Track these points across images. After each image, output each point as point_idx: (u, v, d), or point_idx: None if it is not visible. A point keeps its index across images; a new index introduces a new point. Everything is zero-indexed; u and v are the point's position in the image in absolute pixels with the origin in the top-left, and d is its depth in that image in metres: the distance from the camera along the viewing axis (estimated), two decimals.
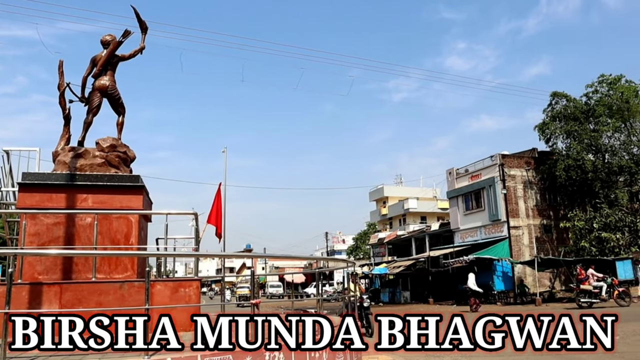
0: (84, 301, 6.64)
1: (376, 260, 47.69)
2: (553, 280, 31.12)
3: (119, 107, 9.08)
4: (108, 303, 6.62)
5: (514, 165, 33.36)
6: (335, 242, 75.41)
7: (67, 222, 7.61)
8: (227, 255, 8.25)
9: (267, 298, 52.76)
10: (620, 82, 32.17)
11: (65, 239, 7.51)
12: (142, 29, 9.15)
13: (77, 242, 7.54)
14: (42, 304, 6.55)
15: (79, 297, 6.67)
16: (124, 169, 8.58)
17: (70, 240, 7.53)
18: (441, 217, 51.56)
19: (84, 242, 7.55)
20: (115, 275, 7.50)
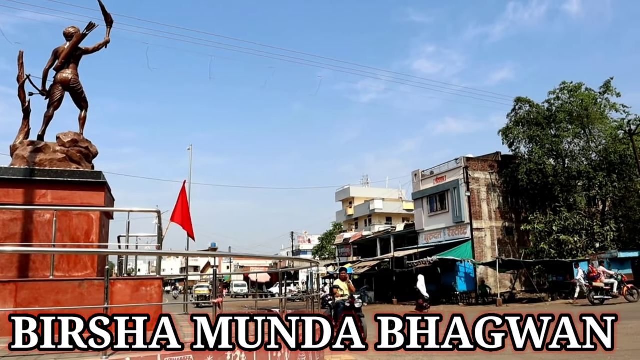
0: (41, 300, 6.44)
1: (341, 260, 47.84)
2: (514, 281, 31.81)
3: (82, 101, 8.87)
4: (66, 302, 6.45)
5: (478, 168, 33.97)
6: (301, 242, 75.42)
7: (25, 219, 7.39)
8: (191, 254, 8.14)
9: (231, 297, 52.41)
10: (580, 90, 33.08)
11: (22, 235, 7.30)
12: (108, 22, 8.98)
13: (35, 239, 7.34)
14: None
15: (36, 295, 6.48)
16: (86, 164, 8.39)
17: (28, 237, 7.32)
18: (406, 218, 52.06)
19: (42, 239, 7.34)
20: (74, 273, 7.32)
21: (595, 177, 31.47)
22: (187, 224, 10.89)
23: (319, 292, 14.62)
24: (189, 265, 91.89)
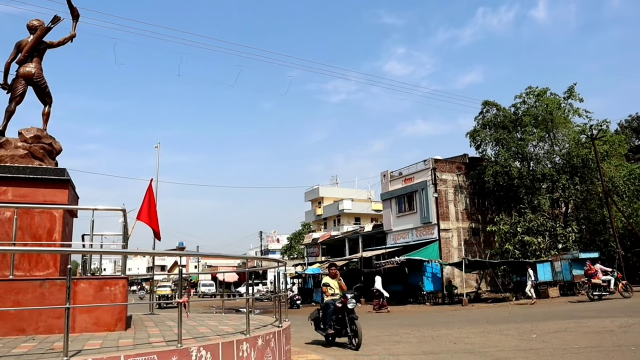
0: (0, 300, 6.27)
1: (310, 260, 47.89)
2: (479, 281, 32.34)
3: (46, 96, 8.67)
4: (27, 302, 6.29)
5: (446, 170, 34.43)
6: (270, 242, 75.20)
7: None
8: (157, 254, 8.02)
9: (199, 297, 51.91)
10: (546, 95, 33.86)
11: None
12: (74, 16, 8.80)
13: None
14: None
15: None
16: (49, 161, 8.19)
17: None
18: (375, 218, 52.42)
19: (2, 237, 7.15)
20: (35, 273, 7.14)
21: (558, 180, 32.27)
22: (154, 223, 10.75)
23: (286, 292, 14.53)
24: (156, 265, 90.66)
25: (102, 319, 6.60)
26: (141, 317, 9.40)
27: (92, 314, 6.55)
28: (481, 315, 19.43)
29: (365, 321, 18.94)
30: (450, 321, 16.84)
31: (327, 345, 11.15)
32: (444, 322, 16.72)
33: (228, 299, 40.14)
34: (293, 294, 33.51)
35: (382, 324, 16.98)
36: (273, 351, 6.32)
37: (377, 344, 11.41)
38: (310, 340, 12.19)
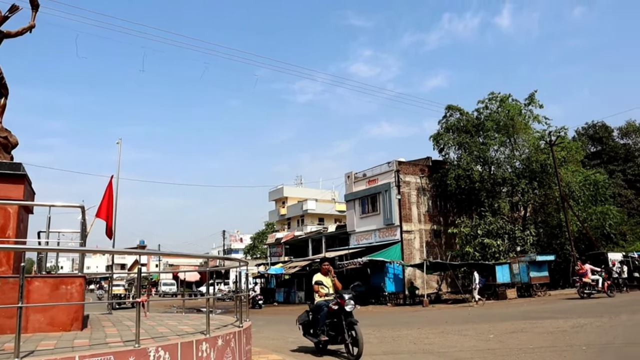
0: None
1: (273, 260, 47.75)
2: (440, 282, 32.83)
3: (2, 87, 8.40)
4: None
5: (409, 172, 34.85)
6: (232, 241, 74.68)
7: None
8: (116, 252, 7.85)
9: (160, 296, 51.04)
10: (507, 101, 34.63)
11: None
12: (33, 6, 8.56)
13: None
14: None
15: None
16: (4, 155, 7.93)
17: None
18: (338, 219, 52.63)
19: None
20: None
21: (518, 184, 33.05)
22: (109, 219, 10.52)
23: (248, 292, 14.41)
24: (115, 263, 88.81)
25: (57, 319, 6.42)
26: (98, 316, 9.20)
27: (47, 313, 6.37)
28: (441, 315, 19.73)
29: None
30: (411, 321, 17.04)
31: (318, 354, 9.59)
32: (404, 322, 16.90)
33: (189, 299, 39.60)
34: (255, 294, 33.34)
35: None
36: (233, 351, 6.27)
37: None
38: (295, 347, 10.99)
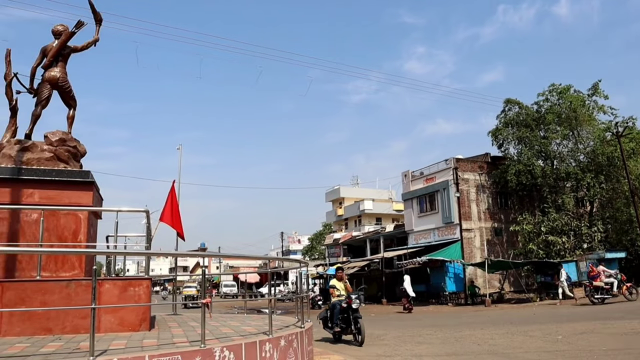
0: (28, 300, 6.38)
1: (331, 260, 47.87)
2: (502, 281, 31.96)
3: (70, 100, 8.80)
4: (53, 302, 6.39)
5: (468, 169, 34.13)
6: (291, 242, 75.34)
7: (12, 218, 7.31)
8: (179, 254, 8.09)
9: (221, 298, 52.23)
10: (569, 92, 33.35)
11: (8, 235, 7.21)
12: (97, 21, 8.91)
13: (21, 238, 7.25)
14: None
15: (22, 296, 6.41)
16: (74, 164, 8.32)
17: (15, 236, 7.23)
18: (396, 218, 52.18)
19: (29, 239, 7.26)
20: (61, 273, 7.25)
21: (583, 179, 31.73)
22: (177, 223, 10.84)
23: (308, 293, 14.55)
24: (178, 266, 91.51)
25: (126, 319, 6.67)
26: (164, 317, 9.49)
27: (117, 314, 6.63)
28: (504, 315, 19.21)
29: (386, 321, 18.90)
30: (473, 322, 16.68)
31: (334, 342, 11.84)
32: (466, 322, 16.57)
33: (250, 299, 40.34)
34: (314, 294, 33.56)
35: (404, 324, 16.89)
36: (295, 351, 6.33)
37: (399, 344, 11.36)
38: (319, 337, 12.32)
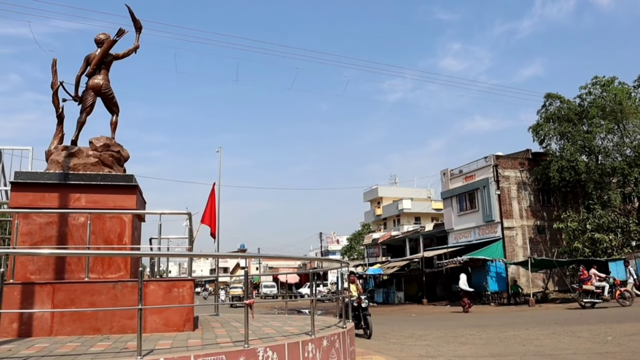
0: (77, 301, 6.59)
1: (370, 260, 47.71)
2: (546, 280, 31.20)
3: (113, 106, 9.03)
4: (101, 303, 6.58)
5: (508, 166, 33.46)
6: (329, 243, 75.37)
7: (60, 222, 7.55)
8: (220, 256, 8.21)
9: (260, 298, 52.76)
10: (613, 84, 32.30)
11: (58, 238, 7.46)
12: (137, 28, 9.11)
13: (69, 241, 7.49)
14: (35, 304, 6.50)
15: (72, 297, 6.63)
16: (118, 168, 8.53)
17: (63, 239, 7.47)
18: (435, 217, 51.64)
19: (77, 241, 7.49)
20: (108, 275, 7.45)
21: (630, 174, 30.63)
22: (213, 224, 10.99)
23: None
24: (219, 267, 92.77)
25: (171, 320, 6.80)
26: (207, 317, 9.64)
27: (162, 315, 6.77)
28: (549, 316, 18.75)
29: (427, 322, 18.70)
30: (517, 322, 16.34)
31: None
32: (510, 322, 16.25)
33: (290, 300, 40.58)
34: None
35: (446, 325, 16.68)
36: (338, 352, 6.33)
37: (441, 344, 11.23)
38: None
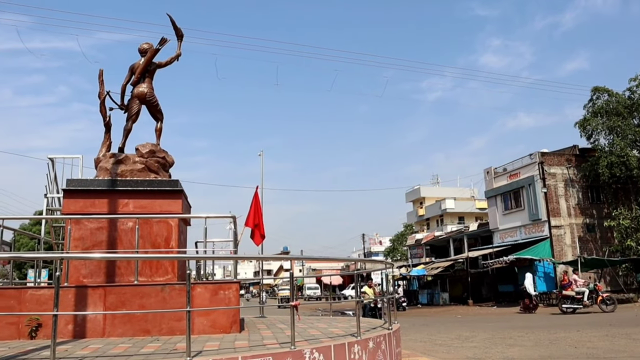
0: (127, 303, 6.79)
1: (414, 261, 47.23)
2: (598, 281, 30.20)
3: (157, 113, 9.24)
4: (150, 305, 6.75)
5: (554, 163, 32.55)
6: (372, 244, 74.93)
7: (110, 227, 7.79)
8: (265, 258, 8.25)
9: (304, 300, 53.00)
10: None
11: (108, 243, 7.70)
12: (178, 36, 9.30)
13: (119, 246, 7.72)
14: (88, 306, 6.73)
15: (122, 299, 6.82)
16: (163, 173, 8.74)
17: (113, 244, 7.71)
18: (479, 217, 50.75)
19: (126, 245, 7.71)
20: (156, 278, 7.63)
21: None
22: (260, 228, 11.07)
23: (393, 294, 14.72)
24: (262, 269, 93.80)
25: (217, 322, 6.91)
26: (252, 319, 9.73)
27: (209, 317, 6.88)
28: (602, 317, 18.14)
29: (473, 323, 18.38)
30: (567, 323, 15.87)
31: None
32: (560, 324, 15.81)
33: (334, 302, 40.63)
34: (399, 296, 33.23)
35: (493, 326, 16.35)
36: (384, 353, 6.29)
37: (489, 346, 11.01)
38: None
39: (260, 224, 10.77)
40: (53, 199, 11.05)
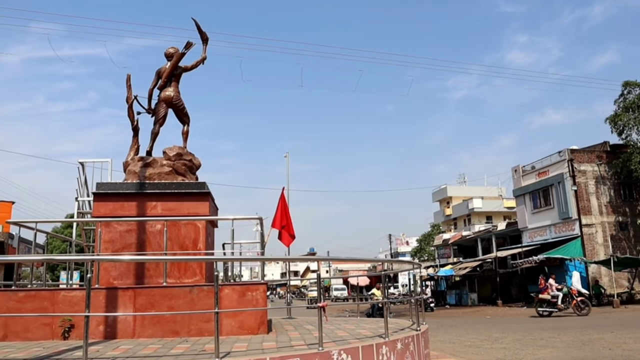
0: (157, 305, 6.86)
1: (441, 261, 46.83)
2: (632, 280, 29.48)
3: (184, 116, 9.34)
4: (179, 307, 6.82)
5: (584, 160, 31.90)
6: (399, 244, 74.54)
7: (139, 229, 7.90)
8: (291, 259, 8.31)
9: (331, 301, 53.00)
10: None
11: (137, 245, 7.81)
12: (203, 40, 9.38)
13: (148, 248, 7.82)
14: (118, 307, 6.83)
15: (152, 301, 6.90)
16: (190, 176, 8.82)
17: (142, 246, 7.81)
18: (507, 216, 50.03)
19: (155, 248, 7.80)
20: (184, 280, 7.71)
21: None
22: (288, 229, 11.08)
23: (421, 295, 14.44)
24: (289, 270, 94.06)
25: (245, 323, 6.94)
26: (280, 320, 9.76)
27: (237, 318, 6.91)
28: (638, 318, 17.69)
29: (503, 324, 18.11)
30: (601, 324, 15.52)
31: None
32: (593, 325, 15.47)
33: (362, 302, 40.56)
34: (426, 297, 32.96)
35: (523, 327, 16.09)
36: (412, 354, 6.23)
37: (520, 347, 10.84)
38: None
39: (289, 225, 10.79)
40: (84, 202, 11.26)
